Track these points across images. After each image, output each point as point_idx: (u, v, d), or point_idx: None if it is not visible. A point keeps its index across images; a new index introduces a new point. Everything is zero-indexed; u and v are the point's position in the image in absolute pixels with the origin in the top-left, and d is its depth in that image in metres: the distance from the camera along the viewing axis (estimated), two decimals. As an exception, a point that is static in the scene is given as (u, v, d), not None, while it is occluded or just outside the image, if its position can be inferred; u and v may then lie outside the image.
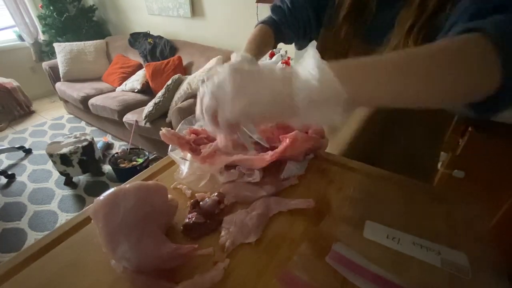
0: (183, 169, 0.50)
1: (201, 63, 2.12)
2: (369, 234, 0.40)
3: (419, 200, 0.47)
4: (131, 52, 2.72)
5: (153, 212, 0.37)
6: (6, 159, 2.22)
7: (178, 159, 0.51)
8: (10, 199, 1.82)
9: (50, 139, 2.49)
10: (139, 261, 0.33)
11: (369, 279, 0.34)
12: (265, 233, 0.41)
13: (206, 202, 0.43)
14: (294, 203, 0.44)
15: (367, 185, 0.50)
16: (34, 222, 1.65)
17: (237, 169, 0.50)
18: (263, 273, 0.35)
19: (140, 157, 1.96)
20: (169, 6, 2.48)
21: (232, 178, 0.49)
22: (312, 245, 0.39)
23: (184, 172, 0.50)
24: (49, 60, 2.97)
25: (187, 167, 0.50)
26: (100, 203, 0.34)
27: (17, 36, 3.20)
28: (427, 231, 0.40)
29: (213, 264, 0.36)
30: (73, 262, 0.37)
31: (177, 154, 0.52)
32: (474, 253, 0.37)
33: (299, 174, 0.52)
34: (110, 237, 0.33)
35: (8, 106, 2.81)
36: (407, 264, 0.36)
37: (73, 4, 3.02)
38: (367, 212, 0.44)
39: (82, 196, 1.86)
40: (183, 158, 0.51)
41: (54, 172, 2.02)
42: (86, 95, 2.43)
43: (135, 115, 2.04)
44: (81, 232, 0.42)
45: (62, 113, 3.03)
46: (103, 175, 2.04)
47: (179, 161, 0.51)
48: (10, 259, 0.37)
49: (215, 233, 0.41)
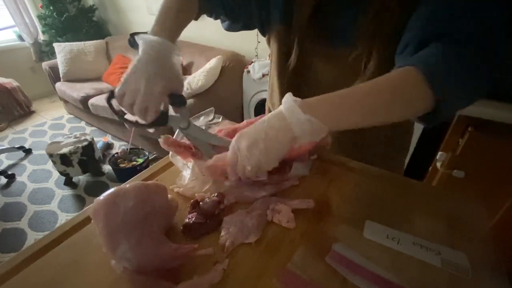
0: (185, 175, 0.50)
1: (201, 63, 2.12)
2: (369, 234, 0.40)
3: (419, 200, 0.47)
4: (131, 52, 2.71)
5: (153, 212, 0.37)
6: (6, 159, 2.22)
7: (181, 165, 0.51)
8: (10, 199, 1.82)
9: (50, 139, 2.49)
10: (139, 261, 0.33)
11: (369, 279, 0.34)
12: (265, 233, 0.41)
13: (206, 203, 0.43)
14: (294, 203, 0.44)
15: (367, 185, 0.50)
16: (34, 222, 1.65)
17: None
18: (263, 273, 0.35)
19: (140, 157, 1.96)
20: (169, 6, 2.48)
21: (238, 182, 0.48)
22: (312, 245, 0.39)
23: (187, 179, 0.49)
24: (49, 60, 2.97)
25: (189, 173, 0.49)
26: (100, 203, 0.34)
27: (17, 36, 3.20)
28: (427, 231, 0.40)
29: (213, 264, 0.36)
30: (73, 262, 0.37)
31: (178, 160, 0.51)
32: (474, 253, 0.37)
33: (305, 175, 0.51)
34: (110, 237, 0.33)
35: (8, 106, 2.81)
36: (407, 264, 0.36)
37: (73, 4, 3.02)
38: (367, 212, 0.44)
39: (82, 196, 1.86)
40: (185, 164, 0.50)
41: (54, 172, 2.02)
42: (86, 95, 2.43)
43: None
44: (81, 232, 0.42)
45: (62, 113, 3.03)
46: (103, 175, 2.04)
47: (181, 166, 0.51)
48: (10, 259, 0.37)
49: (215, 233, 0.41)
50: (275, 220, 0.42)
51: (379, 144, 0.62)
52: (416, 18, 0.40)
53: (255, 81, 1.94)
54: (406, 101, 0.35)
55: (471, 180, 1.05)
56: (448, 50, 0.35)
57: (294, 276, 0.34)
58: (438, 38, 0.36)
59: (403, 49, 0.41)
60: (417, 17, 0.40)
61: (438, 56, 0.35)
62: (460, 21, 0.35)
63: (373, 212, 0.44)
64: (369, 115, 0.36)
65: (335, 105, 0.36)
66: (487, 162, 1.01)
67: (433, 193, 0.49)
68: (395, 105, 0.35)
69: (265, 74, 1.88)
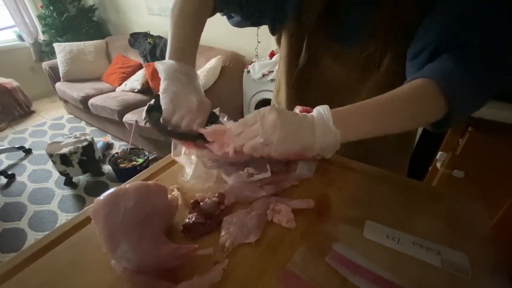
0: (188, 172, 0.50)
1: (201, 63, 2.12)
2: (369, 234, 0.40)
3: (419, 200, 0.47)
4: (131, 52, 2.72)
5: (153, 212, 0.37)
6: (6, 159, 2.22)
7: (184, 162, 0.51)
8: (10, 199, 1.82)
9: (50, 139, 2.49)
10: (139, 261, 0.33)
11: (369, 279, 0.34)
12: (265, 233, 0.41)
13: (206, 203, 0.43)
14: (294, 203, 0.44)
15: (367, 185, 0.50)
16: (34, 222, 1.65)
17: (246, 171, 0.49)
18: (263, 273, 0.35)
19: (140, 157, 1.96)
20: (169, 6, 2.45)
21: (240, 179, 0.48)
22: (312, 245, 0.39)
23: (189, 176, 0.49)
24: (49, 60, 2.97)
25: (192, 170, 0.49)
26: (100, 203, 0.34)
27: (17, 36, 3.20)
28: (427, 231, 0.40)
29: (213, 264, 0.35)
30: (73, 262, 0.37)
31: (182, 158, 0.51)
32: (474, 253, 0.37)
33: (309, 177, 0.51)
34: (110, 237, 0.33)
35: (8, 106, 2.81)
36: (407, 264, 0.36)
37: (73, 4, 3.02)
38: (367, 212, 0.44)
39: (82, 196, 1.86)
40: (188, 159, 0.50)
41: (54, 172, 2.02)
42: (86, 95, 2.43)
43: (135, 115, 2.04)
44: (81, 232, 0.42)
45: (62, 113, 3.03)
46: (103, 175, 2.04)
47: (184, 163, 0.51)
48: (10, 259, 0.37)
49: (215, 233, 0.41)
50: (275, 220, 0.42)
51: (386, 144, 0.61)
52: (430, 25, 0.41)
53: (255, 81, 1.94)
54: (426, 112, 0.38)
55: (471, 180, 1.05)
56: (462, 63, 0.37)
57: (294, 276, 0.34)
58: (451, 50, 0.39)
59: (415, 55, 0.43)
60: (430, 23, 0.41)
61: (453, 69, 0.37)
62: (474, 35, 0.37)
63: (373, 212, 0.44)
64: (392, 126, 0.38)
65: (363, 118, 0.37)
66: (487, 162, 1.01)
67: (433, 193, 0.49)
68: (417, 116, 0.38)
69: (265, 74, 1.88)
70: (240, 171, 0.49)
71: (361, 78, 0.53)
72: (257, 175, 0.48)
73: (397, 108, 0.37)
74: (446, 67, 0.38)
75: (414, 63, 0.43)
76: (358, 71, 0.52)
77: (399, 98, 0.37)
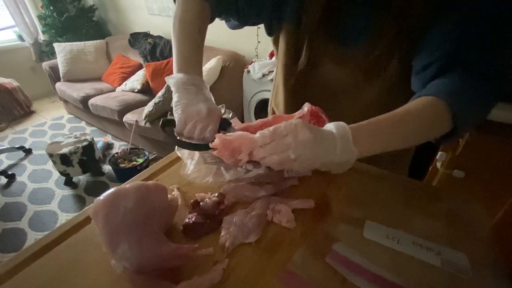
0: (189, 166, 0.50)
1: (201, 63, 2.12)
2: (369, 234, 0.40)
3: (419, 200, 0.47)
4: (131, 52, 2.72)
5: (153, 212, 0.37)
6: (6, 159, 2.21)
7: (186, 156, 0.51)
8: (10, 199, 1.82)
9: (50, 139, 2.49)
10: (139, 261, 0.33)
11: (369, 279, 0.34)
12: (265, 233, 0.41)
13: (206, 203, 0.43)
14: (294, 203, 0.44)
15: (367, 185, 0.50)
16: (34, 222, 1.65)
17: (244, 167, 0.48)
18: (263, 273, 0.35)
19: (140, 157, 1.96)
20: (169, 6, 2.48)
21: (238, 176, 0.48)
22: (312, 245, 0.39)
23: (190, 169, 0.49)
24: (49, 60, 2.97)
25: (193, 164, 0.49)
26: (100, 203, 0.34)
27: (17, 36, 3.20)
28: (427, 231, 0.40)
29: (213, 264, 0.36)
30: (73, 262, 0.37)
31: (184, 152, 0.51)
32: (474, 253, 0.37)
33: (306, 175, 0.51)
34: (110, 237, 0.33)
35: (8, 106, 2.81)
36: (407, 264, 0.36)
37: (73, 4, 3.02)
38: (367, 212, 0.44)
39: (82, 196, 1.86)
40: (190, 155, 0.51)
41: (54, 172, 2.02)
42: (86, 95, 2.43)
43: (135, 115, 2.04)
44: (81, 232, 0.42)
45: (62, 113, 3.03)
46: (103, 175, 2.04)
47: (186, 158, 0.51)
48: (10, 259, 0.37)
49: (215, 233, 0.41)
50: (275, 220, 0.42)
51: None
52: (438, 38, 0.41)
53: (255, 81, 1.94)
54: (434, 129, 0.40)
55: (471, 180, 1.05)
56: (469, 82, 0.39)
57: (294, 276, 0.34)
58: (458, 66, 0.40)
59: (423, 69, 0.43)
60: (439, 36, 0.41)
61: (460, 86, 0.39)
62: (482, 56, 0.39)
63: (373, 212, 0.44)
64: (403, 143, 0.39)
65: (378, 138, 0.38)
66: (487, 162, 1.01)
67: (433, 193, 0.49)
68: (426, 134, 0.40)
69: (265, 74, 1.88)
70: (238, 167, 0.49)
71: (364, 82, 0.52)
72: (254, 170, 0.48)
73: (410, 128, 0.39)
74: (454, 85, 0.39)
75: (420, 77, 0.44)
76: (361, 74, 0.51)
77: (412, 117, 0.39)
